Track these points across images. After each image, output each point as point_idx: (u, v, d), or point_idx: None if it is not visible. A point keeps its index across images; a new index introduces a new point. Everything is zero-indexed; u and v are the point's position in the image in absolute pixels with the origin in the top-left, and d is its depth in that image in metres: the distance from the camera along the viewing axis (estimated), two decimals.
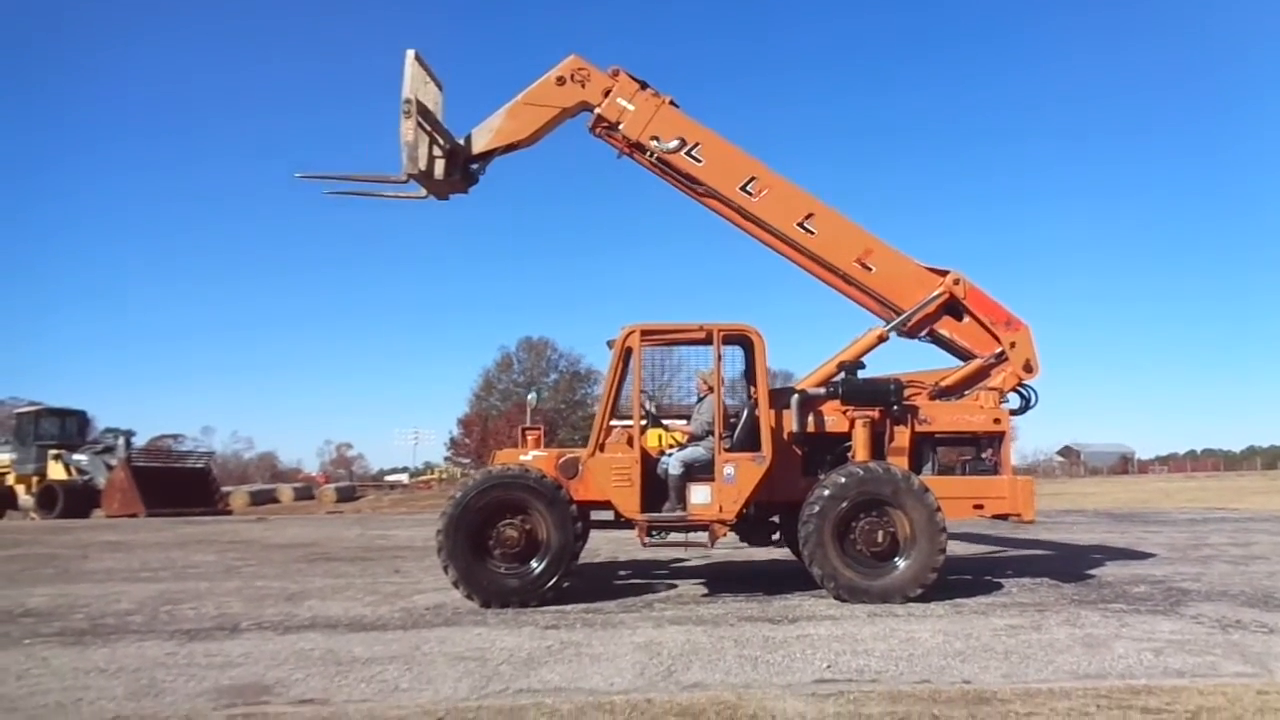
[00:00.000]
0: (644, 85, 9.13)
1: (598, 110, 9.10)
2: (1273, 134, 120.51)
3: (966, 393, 8.88)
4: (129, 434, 30.43)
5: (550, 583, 7.72)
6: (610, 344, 8.36)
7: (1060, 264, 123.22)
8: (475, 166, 9.36)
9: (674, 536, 8.40)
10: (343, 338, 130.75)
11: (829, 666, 5.49)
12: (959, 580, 8.90)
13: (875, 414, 8.29)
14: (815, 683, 5.13)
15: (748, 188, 8.99)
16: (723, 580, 9.36)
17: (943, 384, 8.88)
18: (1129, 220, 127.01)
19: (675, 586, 8.88)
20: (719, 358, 8.23)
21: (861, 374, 8.63)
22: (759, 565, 10.80)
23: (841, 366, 8.63)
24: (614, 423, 8.62)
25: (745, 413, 8.29)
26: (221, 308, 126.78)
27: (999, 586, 8.63)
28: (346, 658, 5.91)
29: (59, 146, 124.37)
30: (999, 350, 8.83)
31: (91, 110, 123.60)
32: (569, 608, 7.63)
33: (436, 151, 8.98)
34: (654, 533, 8.16)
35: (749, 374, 8.74)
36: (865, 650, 5.90)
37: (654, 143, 8.99)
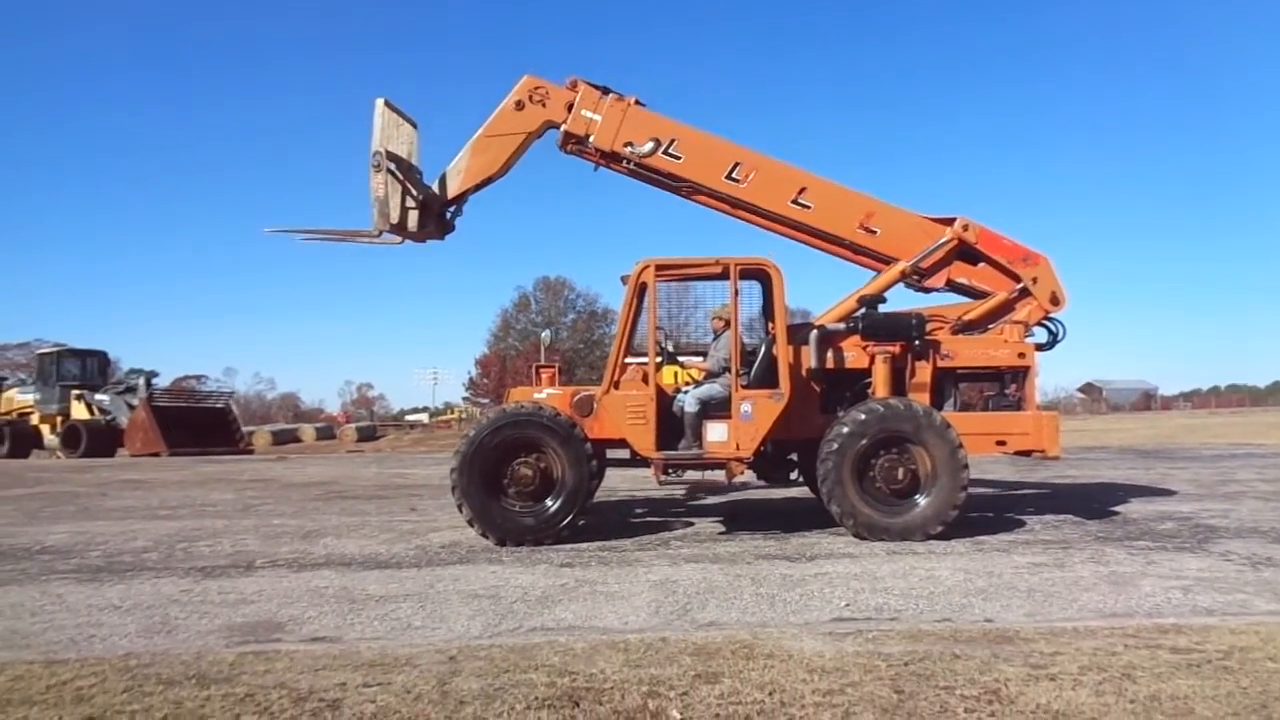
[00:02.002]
0: (606, 91, 8.69)
1: (564, 127, 8.69)
2: None
3: (991, 327, 8.64)
4: (151, 374, 30.67)
5: (565, 521, 7.65)
6: (624, 279, 8.16)
7: (1082, 199, 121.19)
8: (451, 212, 9.07)
9: (690, 475, 8.30)
10: (362, 279, 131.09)
11: (847, 605, 5.39)
12: (980, 517, 8.79)
13: (896, 349, 8.08)
14: (833, 621, 5.03)
15: (733, 175, 8.61)
16: (740, 518, 9.29)
17: (966, 318, 8.64)
18: (1154, 154, 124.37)
19: (692, 525, 8.82)
20: (736, 292, 8.02)
21: (882, 308, 8.41)
22: (777, 503, 10.73)
23: (862, 301, 8.41)
24: (629, 360, 8.48)
25: (763, 349, 8.12)
26: (243, 250, 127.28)
27: (1021, 524, 8.50)
28: (360, 596, 5.87)
29: (78, 80, 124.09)
30: (1021, 286, 8.58)
31: (114, 39, 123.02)
32: (584, 546, 7.58)
33: (409, 202, 8.68)
34: (670, 471, 8.06)
35: (767, 309, 8.53)
36: (885, 588, 5.79)
37: (628, 149, 8.59)
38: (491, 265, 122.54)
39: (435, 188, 8.88)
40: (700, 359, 8.72)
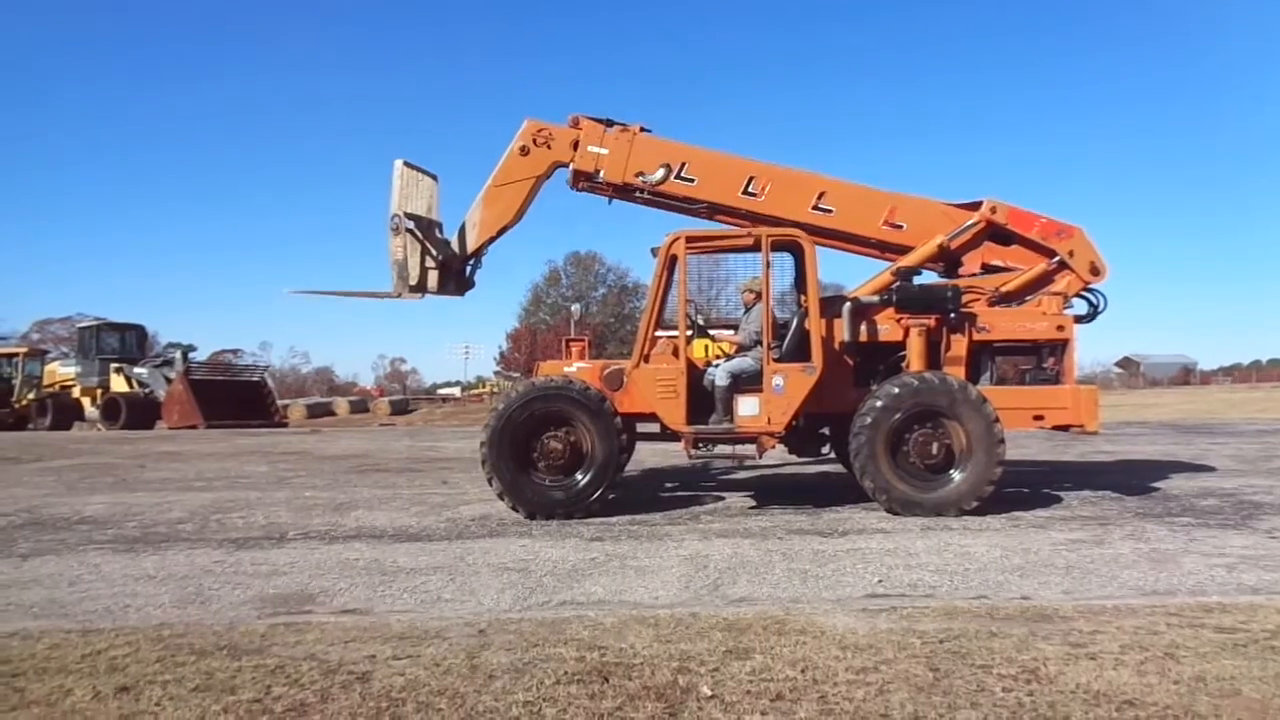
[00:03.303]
0: (609, 123, 8.58)
1: (573, 166, 8.58)
2: None
3: (1028, 299, 8.46)
4: (189, 348, 30.99)
5: (595, 495, 7.63)
6: (655, 251, 8.07)
7: (1119, 171, 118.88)
8: (470, 266, 9.00)
9: (721, 449, 8.22)
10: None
11: (881, 581, 5.31)
12: (1016, 493, 8.64)
13: (931, 322, 7.94)
14: (866, 597, 4.97)
15: (750, 189, 8.45)
16: (771, 493, 9.22)
17: (1003, 290, 8.45)
18: (1191, 126, 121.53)
19: (723, 499, 8.77)
20: (767, 264, 7.90)
21: (917, 280, 8.26)
22: (808, 478, 10.64)
23: (897, 274, 8.26)
24: (660, 333, 8.40)
25: (795, 322, 8.00)
26: (279, 225, 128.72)
27: (1059, 500, 8.36)
28: (391, 568, 5.90)
29: (114, 57, 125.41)
30: (1058, 259, 8.37)
31: (151, 17, 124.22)
32: (614, 520, 7.55)
33: (429, 262, 8.65)
34: (700, 445, 7.99)
35: (799, 282, 8.41)
36: (919, 565, 5.71)
37: (640, 179, 8.47)
38: (523, 240, 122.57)
39: (455, 242, 8.83)
40: (731, 332, 8.62)
